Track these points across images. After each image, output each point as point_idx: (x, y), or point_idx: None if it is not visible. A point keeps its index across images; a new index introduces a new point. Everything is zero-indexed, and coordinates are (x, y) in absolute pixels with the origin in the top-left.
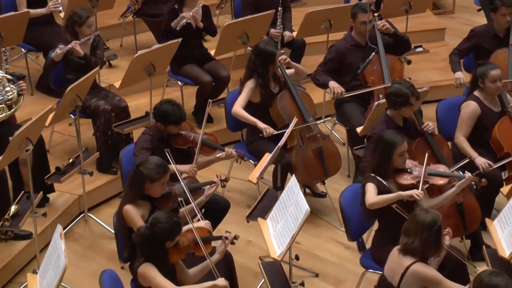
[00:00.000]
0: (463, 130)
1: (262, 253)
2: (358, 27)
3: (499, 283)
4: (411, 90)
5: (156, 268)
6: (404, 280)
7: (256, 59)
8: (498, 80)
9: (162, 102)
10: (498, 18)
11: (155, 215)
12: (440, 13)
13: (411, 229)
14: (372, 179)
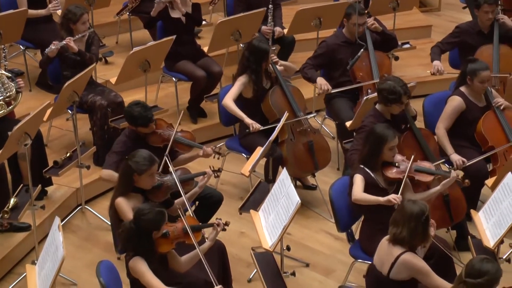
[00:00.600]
0: (445, 122)
1: (255, 244)
2: (350, 27)
3: (489, 269)
4: (404, 89)
5: (145, 262)
6: (394, 269)
7: (250, 56)
8: (486, 81)
9: (130, 104)
10: (481, 15)
11: (137, 208)
12: (427, 10)
13: (399, 220)
14: (361, 170)
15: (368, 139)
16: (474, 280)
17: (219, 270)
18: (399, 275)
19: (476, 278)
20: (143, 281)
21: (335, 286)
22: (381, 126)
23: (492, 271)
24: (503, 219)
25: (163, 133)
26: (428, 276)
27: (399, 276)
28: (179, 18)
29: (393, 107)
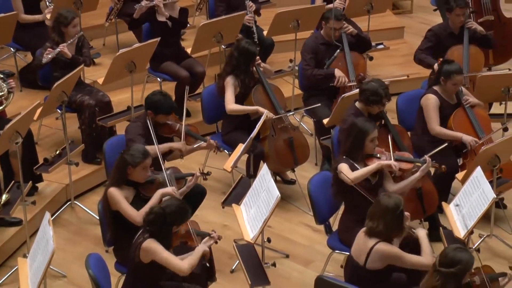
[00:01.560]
0: (434, 120)
1: (237, 236)
2: (328, 30)
3: (462, 258)
4: (385, 92)
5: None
6: (369, 259)
7: (239, 57)
8: (459, 84)
9: (155, 92)
10: (452, 17)
11: (169, 199)
12: (399, 12)
13: (375, 214)
14: (345, 160)
15: (350, 132)
16: (447, 269)
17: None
18: (375, 264)
19: (449, 267)
20: (160, 258)
21: (314, 276)
22: (361, 119)
23: (464, 260)
24: (472, 211)
25: (173, 124)
26: (402, 258)
27: (375, 265)
28: (165, 21)
29: (373, 108)
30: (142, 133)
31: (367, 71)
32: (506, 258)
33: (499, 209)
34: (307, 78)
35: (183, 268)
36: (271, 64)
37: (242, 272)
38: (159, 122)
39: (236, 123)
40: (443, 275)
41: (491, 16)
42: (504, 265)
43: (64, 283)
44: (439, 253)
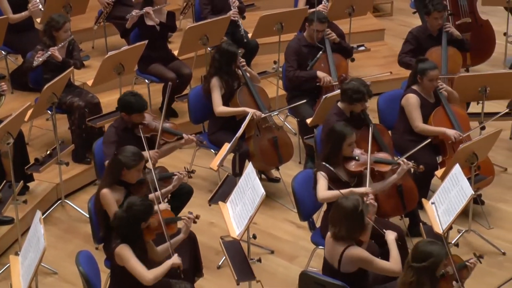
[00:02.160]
0: (417, 118)
1: (223, 233)
2: (311, 32)
3: (433, 251)
4: (366, 89)
5: (131, 249)
6: (342, 265)
7: (221, 58)
8: (435, 79)
9: (125, 93)
10: (431, 20)
11: (130, 200)
12: (380, 15)
13: (335, 218)
14: (323, 167)
15: (328, 137)
16: (419, 264)
17: (191, 258)
18: (348, 267)
19: (422, 262)
20: (128, 266)
21: (298, 271)
22: (340, 124)
23: (435, 252)
24: (451, 207)
25: (150, 123)
26: (372, 262)
27: (348, 269)
28: (154, 26)
29: (357, 106)
30: (114, 140)
31: (349, 72)
32: (484, 252)
33: (477, 205)
34: (290, 80)
35: (147, 278)
36: (255, 65)
37: (229, 267)
38: (135, 122)
39: (222, 123)
40: (416, 270)
41: (469, 18)
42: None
43: (55, 280)
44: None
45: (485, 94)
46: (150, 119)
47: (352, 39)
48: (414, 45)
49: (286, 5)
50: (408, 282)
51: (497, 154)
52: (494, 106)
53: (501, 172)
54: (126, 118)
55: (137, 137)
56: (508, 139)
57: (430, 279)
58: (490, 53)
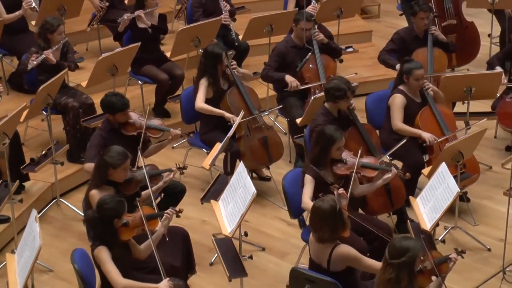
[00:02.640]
0: (398, 117)
1: (215, 231)
2: (298, 32)
3: (409, 246)
4: (348, 86)
5: (108, 252)
6: (331, 264)
7: (206, 60)
8: (421, 78)
9: (107, 94)
10: (417, 21)
11: (100, 199)
12: (367, 17)
13: (317, 224)
14: (310, 170)
15: (318, 140)
16: (398, 260)
17: (183, 255)
18: (337, 266)
19: (399, 258)
20: (104, 270)
21: (289, 268)
22: (330, 128)
23: (412, 247)
24: (438, 204)
25: (135, 121)
26: (361, 261)
27: (337, 267)
28: (146, 28)
29: (341, 103)
30: (97, 143)
31: (337, 73)
32: (470, 249)
33: (463, 202)
34: (262, 77)
35: (119, 285)
36: (246, 66)
37: (221, 264)
38: (121, 122)
39: (214, 123)
40: (395, 267)
41: (454, 20)
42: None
43: (50, 277)
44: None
45: (470, 94)
46: (136, 117)
47: (341, 41)
48: (399, 45)
49: (276, 7)
50: (387, 279)
51: (482, 152)
52: (479, 105)
53: (486, 170)
54: (111, 118)
55: (125, 137)
56: (492, 138)
57: (408, 274)
58: (475, 54)
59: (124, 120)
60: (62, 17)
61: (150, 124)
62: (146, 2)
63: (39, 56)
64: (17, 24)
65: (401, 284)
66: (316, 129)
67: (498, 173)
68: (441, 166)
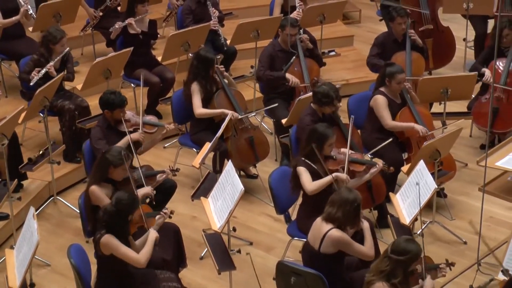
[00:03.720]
0: (387, 117)
1: (205, 226)
2: (284, 37)
3: (412, 249)
4: (336, 94)
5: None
6: (323, 245)
7: (199, 64)
8: (402, 82)
9: (105, 92)
10: (395, 26)
11: (118, 195)
12: (349, 22)
13: (336, 201)
14: (303, 162)
15: (311, 136)
16: (397, 257)
17: (175, 250)
18: (328, 249)
19: (399, 256)
20: (119, 253)
21: (275, 261)
22: (322, 126)
23: (414, 251)
24: (416, 200)
25: (131, 118)
26: (351, 245)
27: (328, 250)
28: (137, 34)
29: (326, 108)
30: (101, 136)
31: (320, 76)
32: (447, 242)
33: (440, 198)
34: (258, 78)
35: (140, 261)
36: (234, 70)
37: (210, 258)
38: (118, 118)
39: (203, 124)
40: (393, 262)
41: (431, 25)
42: (445, 248)
43: (48, 271)
44: (389, 240)
45: (446, 95)
46: (131, 115)
47: (324, 45)
48: (381, 49)
49: (262, 13)
50: (382, 269)
51: (458, 150)
52: (454, 106)
53: (462, 168)
54: (109, 115)
55: (121, 133)
56: (468, 137)
57: (403, 272)
58: (450, 57)
59: (121, 117)
60: (58, 23)
61: (145, 120)
62: (137, 9)
63: (41, 70)
64: (15, 29)
65: (394, 279)
66: (308, 127)
67: (474, 170)
68: (420, 164)
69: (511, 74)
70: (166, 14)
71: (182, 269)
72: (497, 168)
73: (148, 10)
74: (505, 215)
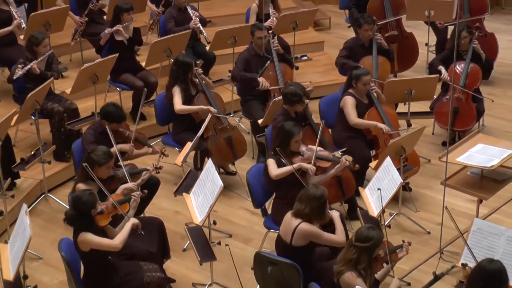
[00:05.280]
0: (353, 114)
1: (187, 220)
2: (256, 41)
3: (374, 236)
4: (303, 92)
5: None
6: (294, 237)
7: (177, 69)
8: (368, 83)
9: (108, 104)
10: (362, 32)
11: (73, 196)
12: (320, 29)
13: (304, 198)
14: (273, 156)
15: (278, 133)
16: (362, 244)
17: (159, 242)
18: (299, 241)
19: (363, 243)
20: (94, 245)
21: (253, 252)
22: (289, 123)
23: (376, 237)
24: (384, 194)
25: (124, 131)
26: (321, 236)
27: (299, 243)
28: (122, 41)
29: (296, 106)
30: (93, 140)
31: (293, 79)
32: (412, 232)
33: (405, 191)
34: (233, 77)
35: (115, 245)
36: (213, 74)
37: (193, 250)
38: (112, 129)
39: (185, 125)
40: (358, 249)
41: (395, 31)
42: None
43: (40, 264)
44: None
45: (410, 96)
46: (125, 128)
47: (296, 50)
48: (349, 52)
49: (238, 21)
50: (349, 258)
51: (422, 147)
52: (418, 106)
53: (426, 163)
54: (105, 125)
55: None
56: (431, 134)
57: (368, 258)
58: (414, 61)
59: (116, 129)
60: (48, 31)
61: (137, 138)
62: (122, 17)
63: (24, 67)
64: (7, 38)
65: (360, 265)
66: (278, 125)
67: (436, 165)
68: (386, 160)
69: (469, 76)
70: (150, 22)
71: (166, 260)
72: (457, 163)
73: (133, 18)
74: (465, 207)
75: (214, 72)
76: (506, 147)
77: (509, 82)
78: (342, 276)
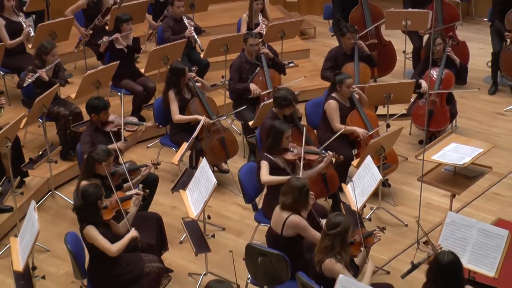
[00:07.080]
0: (336, 120)
1: (184, 215)
2: (248, 48)
3: (341, 220)
4: (293, 97)
5: (96, 229)
6: (284, 229)
7: (171, 75)
8: (351, 86)
9: (90, 99)
10: (345, 41)
11: (81, 189)
12: (306, 38)
13: (286, 191)
14: (265, 157)
15: (269, 132)
16: (333, 231)
17: (158, 235)
18: (288, 232)
19: (334, 229)
20: (96, 244)
21: (245, 244)
22: (278, 122)
23: (343, 221)
24: (365, 189)
25: (115, 120)
26: (307, 230)
27: (289, 233)
28: (122, 49)
29: (285, 110)
30: (86, 141)
31: (281, 84)
32: (391, 225)
33: (385, 187)
34: (230, 90)
35: (112, 251)
36: (207, 79)
37: (189, 242)
38: (103, 120)
39: (181, 127)
40: (331, 237)
41: (375, 40)
42: (389, 230)
43: (48, 256)
44: None
45: (389, 99)
46: (114, 117)
47: (284, 57)
48: (332, 62)
49: (230, 30)
50: (324, 247)
51: (400, 146)
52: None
53: (403, 161)
54: (96, 118)
55: (107, 133)
56: (408, 134)
57: (341, 243)
58: (392, 67)
59: (106, 119)
60: (54, 41)
61: (127, 120)
62: (122, 27)
63: (34, 75)
64: (16, 47)
65: (334, 251)
66: (267, 125)
67: (413, 163)
68: (367, 158)
69: (444, 81)
70: (149, 32)
71: (164, 252)
72: (432, 161)
73: (132, 28)
74: (440, 201)
75: (207, 78)
76: (477, 146)
77: (479, 86)
78: (322, 264)
